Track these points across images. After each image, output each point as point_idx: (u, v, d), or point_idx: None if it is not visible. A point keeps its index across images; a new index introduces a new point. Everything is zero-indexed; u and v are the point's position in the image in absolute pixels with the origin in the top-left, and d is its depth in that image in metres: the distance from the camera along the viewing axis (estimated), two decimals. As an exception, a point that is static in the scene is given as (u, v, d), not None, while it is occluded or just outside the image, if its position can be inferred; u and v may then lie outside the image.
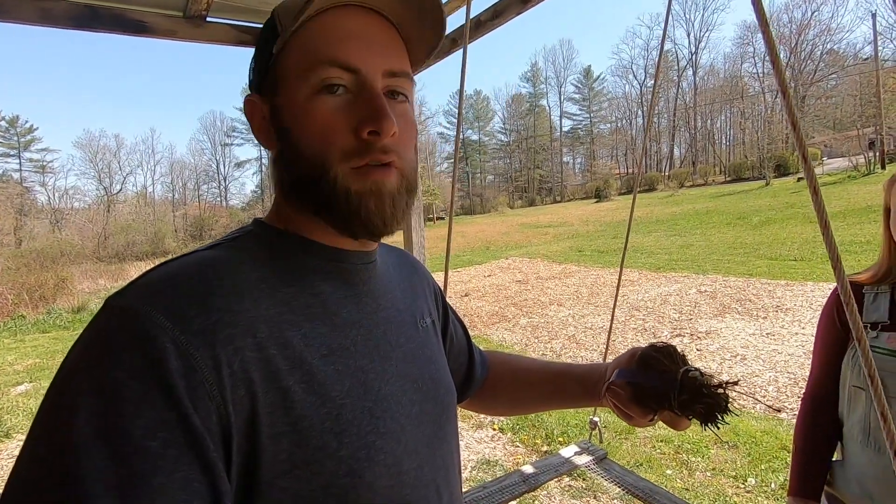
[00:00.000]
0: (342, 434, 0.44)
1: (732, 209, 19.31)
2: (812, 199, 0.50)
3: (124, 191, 51.58)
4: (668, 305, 7.57)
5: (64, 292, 12.56)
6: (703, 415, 0.56)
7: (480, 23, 2.78)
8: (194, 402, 0.37)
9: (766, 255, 11.16)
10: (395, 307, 0.58)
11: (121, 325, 0.38)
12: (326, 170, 0.47)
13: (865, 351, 0.51)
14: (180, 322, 0.39)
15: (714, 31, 54.28)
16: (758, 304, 7.07)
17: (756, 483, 2.99)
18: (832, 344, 1.12)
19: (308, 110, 0.47)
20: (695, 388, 0.56)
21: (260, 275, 0.46)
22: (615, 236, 17.39)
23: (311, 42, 0.47)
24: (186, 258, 0.45)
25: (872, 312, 1.06)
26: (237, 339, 0.41)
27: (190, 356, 0.38)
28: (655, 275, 10.19)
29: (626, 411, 0.61)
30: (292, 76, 0.48)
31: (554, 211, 32.73)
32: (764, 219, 16.31)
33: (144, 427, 0.35)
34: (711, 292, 8.06)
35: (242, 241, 0.50)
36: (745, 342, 5.53)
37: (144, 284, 0.42)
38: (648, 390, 0.58)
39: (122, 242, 32.09)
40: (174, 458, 0.35)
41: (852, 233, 12.18)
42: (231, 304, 0.42)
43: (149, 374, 0.36)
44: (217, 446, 0.38)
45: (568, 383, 0.74)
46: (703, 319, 6.62)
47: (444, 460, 0.56)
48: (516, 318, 8.08)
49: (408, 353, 0.56)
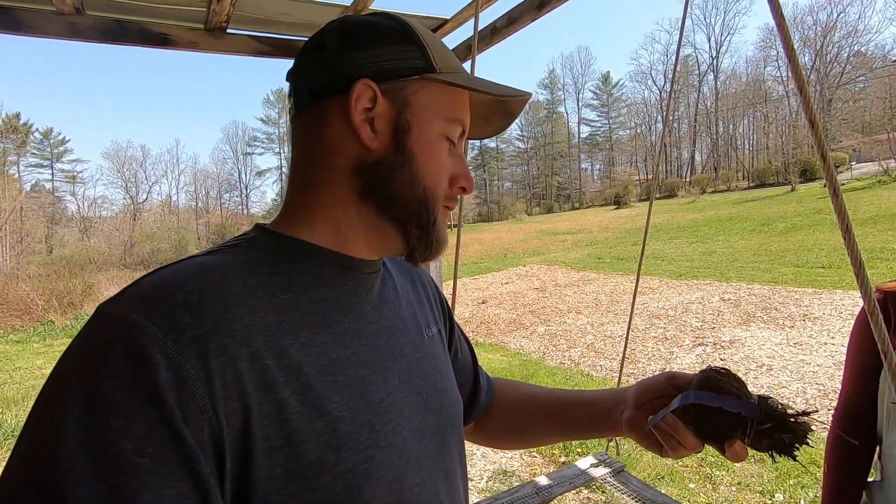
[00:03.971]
0: (340, 448, 0.43)
1: (756, 215, 18.88)
2: (833, 203, 0.47)
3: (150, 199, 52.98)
4: (689, 314, 7.41)
5: (91, 298, 12.89)
6: (784, 445, 0.52)
7: (496, 30, 2.79)
8: (185, 416, 0.36)
9: (792, 263, 10.86)
10: (398, 316, 0.56)
11: (111, 335, 0.37)
12: (435, 201, 0.52)
13: (892, 365, 0.48)
14: (171, 331, 0.38)
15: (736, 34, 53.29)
16: (784, 312, 6.88)
17: (784, 499, 2.88)
18: (866, 357, 1.06)
19: (437, 147, 0.52)
20: (779, 417, 0.52)
21: (258, 281, 0.45)
22: (634, 243, 17.13)
23: (454, 94, 0.53)
24: (180, 264, 0.44)
25: None
26: (231, 349, 0.39)
27: (181, 367, 0.37)
28: (677, 282, 10.00)
29: (680, 440, 0.55)
30: (431, 109, 0.51)
31: (572, 218, 32.47)
32: (790, 225, 15.89)
33: (133, 441, 0.34)
34: (735, 300, 7.87)
35: (242, 246, 0.49)
36: (772, 352, 5.37)
37: (136, 292, 0.41)
38: (722, 417, 0.52)
39: (147, 250, 32.87)
40: (164, 475, 0.34)
41: (884, 239, 11.77)
42: (225, 312, 0.41)
43: (138, 386, 0.35)
44: (209, 461, 0.37)
45: (580, 411, 0.69)
46: (727, 328, 6.46)
47: (448, 474, 0.55)
48: (534, 325, 8.00)
49: (412, 362, 0.54)
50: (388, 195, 0.51)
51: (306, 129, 0.52)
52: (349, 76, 0.49)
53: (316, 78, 0.50)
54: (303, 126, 0.52)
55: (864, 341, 1.08)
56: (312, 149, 0.51)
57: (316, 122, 0.51)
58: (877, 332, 0.48)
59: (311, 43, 0.53)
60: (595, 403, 0.68)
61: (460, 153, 0.55)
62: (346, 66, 0.49)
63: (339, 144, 0.50)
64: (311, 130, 0.51)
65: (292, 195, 0.53)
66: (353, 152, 0.50)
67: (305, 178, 0.52)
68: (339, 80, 0.49)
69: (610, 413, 0.65)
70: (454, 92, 0.52)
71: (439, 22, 2.26)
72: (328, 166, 0.51)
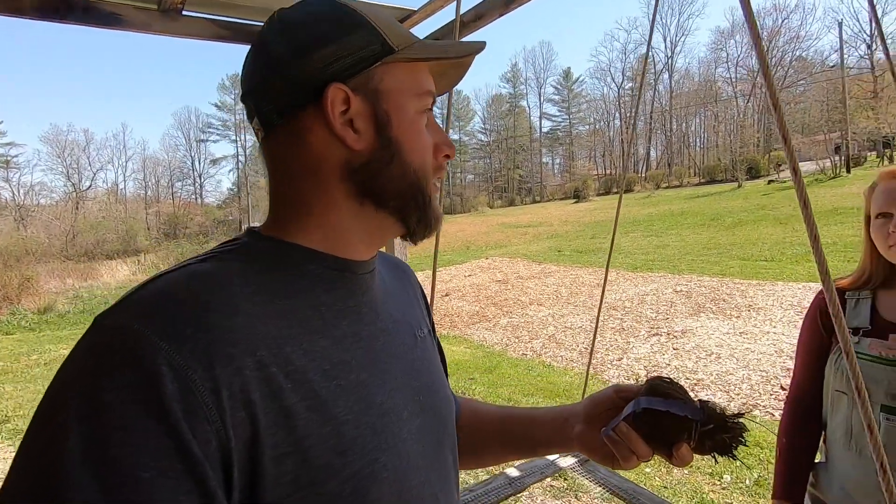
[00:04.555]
0: (346, 452, 0.43)
1: (706, 210, 19.77)
2: (802, 213, 0.50)
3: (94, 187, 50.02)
4: (645, 305, 7.70)
5: (29, 292, 12.10)
6: (725, 445, 0.54)
7: (464, 24, 2.78)
8: (192, 428, 0.35)
9: (738, 256, 11.44)
10: (392, 317, 0.56)
11: (113, 345, 0.37)
12: (427, 181, 0.53)
13: (853, 362, 0.51)
14: (175, 341, 0.37)
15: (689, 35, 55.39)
16: (731, 303, 7.25)
17: (731, 480, 3.06)
18: (816, 349, 1.14)
19: (417, 126, 0.52)
20: (719, 418, 0.54)
21: (255, 288, 0.44)
22: (593, 236, 17.61)
23: (419, 71, 0.52)
24: (177, 273, 0.43)
25: (854, 318, 1.08)
26: (236, 359, 0.39)
27: (187, 378, 0.36)
28: (633, 274, 10.36)
29: (631, 447, 0.56)
30: (402, 91, 0.50)
31: (533, 211, 32.99)
32: (736, 220, 16.74)
33: (138, 456, 0.33)
34: (687, 292, 8.23)
35: (236, 252, 0.48)
36: (720, 341, 5.66)
37: (136, 302, 0.40)
38: (670, 420, 0.55)
39: (92, 240, 31.03)
40: (171, 489, 0.34)
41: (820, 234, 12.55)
42: (227, 321, 0.40)
43: (144, 399, 0.35)
44: (216, 473, 0.36)
45: (531, 430, 0.69)
46: (679, 319, 6.75)
47: (444, 473, 0.56)
48: (497, 317, 8.11)
49: (407, 364, 0.54)
50: (383, 190, 0.50)
51: (284, 147, 0.50)
52: (314, 84, 0.47)
53: (280, 94, 0.48)
54: (278, 144, 0.50)
55: (814, 335, 1.15)
56: (297, 163, 0.50)
57: (293, 138, 0.49)
58: (839, 331, 0.51)
59: (260, 56, 0.49)
60: (546, 421, 0.68)
61: (433, 121, 0.55)
62: (308, 74, 0.47)
63: (324, 153, 0.49)
64: (290, 146, 0.49)
65: (282, 205, 0.51)
66: (339, 158, 0.49)
67: (295, 190, 0.50)
68: (306, 91, 0.47)
69: (562, 429, 0.66)
70: (416, 64, 0.52)
71: (406, 13, 2.22)
72: (317, 178, 0.49)
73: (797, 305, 6.71)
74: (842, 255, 10.10)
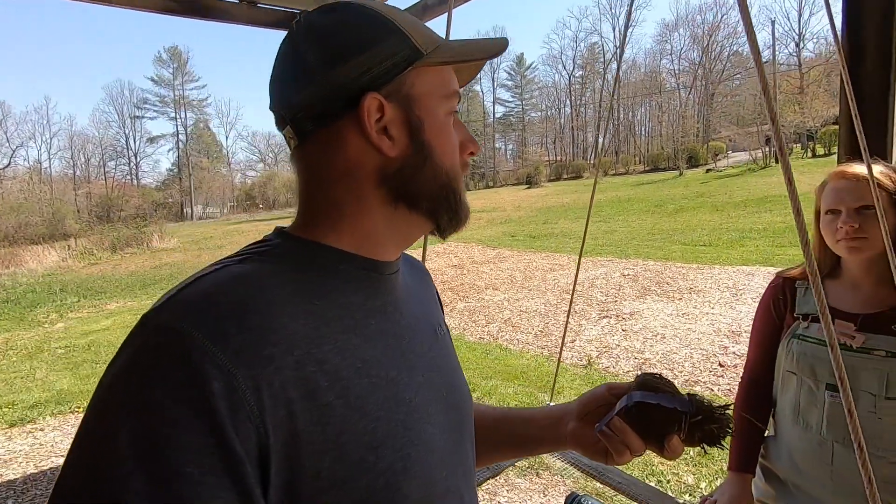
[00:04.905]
0: (379, 447, 0.44)
1: (651, 197, 20.70)
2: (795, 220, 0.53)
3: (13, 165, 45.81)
4: (595, 288, 8.01)
5: (-60, 280, 11.00)
6: (713, 436, 0.57)
7: (427, 6, 2.74)
8: (235, 426, 0.37)
9: (680, 241, 12.10)
10: (415, 315, 0.58)
11: (161, 345, 0.38)
12: (457, 180, 0.55)
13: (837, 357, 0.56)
14: (220, 342, 0.38)
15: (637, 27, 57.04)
16: (674, 286, 7.67)
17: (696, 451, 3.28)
18: (769, 334, 1.24)
19: (447, 128, 0.53)
20: (706, 409, 0.57)
21: (293, 288, 0.46)
22: (545, 221, 18.06)
23: (446, 72, 0.54)
24: (218, 274, 0.44)
25: (804, 305, 1.18)
26: (277, 358, 0.40)
27: (231, 377, 0.37)
28: (583, 259, 10.71)
29: (625, 441, 0.58)
30: (431, 94, 0.52)
31: (487, 196, 33.30)
32: (678, 207, 17.65)
33: (183, 452, 0.35)
34: (633, 275, 8.63)
35: (269, 254, 0.49)
36: (664, 322, 5.99)
37: (181, 302, 0.41)
38: (661, 413, 0.57)
39: (13, 224, 28.46)
40: (212, 485, 0.35)
41: (752, 221, 13.50)
42: (268, 322, 0.41)
43: (190, 397, 0.36)
44: (254, 470, 0.38)
45: (525, 429, 0.71)
46: (627, 301, 7.08)
47: (465, 466, 0.58)
48: (454, 302, 8.19)
49: (430, 361, 0.56)
50: (417, 193, 0.52)
51: (318, 154, 0.51)
52: (349, 93, 0.48)
53: (315, 103, 0.49)
54: (312, 152, 0.51)
55: (767, 320, 1.25)
56: (331, 169, 0.51)
57: (328, 146, 0.50)
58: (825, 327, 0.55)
59: (292, 64, 0.50)
60: (539, 419, 0.70)
61: (458, 119, 0.56)
62: (343, 84, 0.48)
63: (359, 160, 0.50)
64: (325, 154, 0.51)
65: (313, 208, 0.52)
66: (374, 164, 0.50)
67: (328, 194, 0.51)
68: (341, 100, 0.48)
69: (555, 427, 0.68)
70: (443, 67, 0.53)
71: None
72: (351, 183, 0.51)
73: (732, 287, 7.20)
74: (771, 241, 10.90)
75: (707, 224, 13.74)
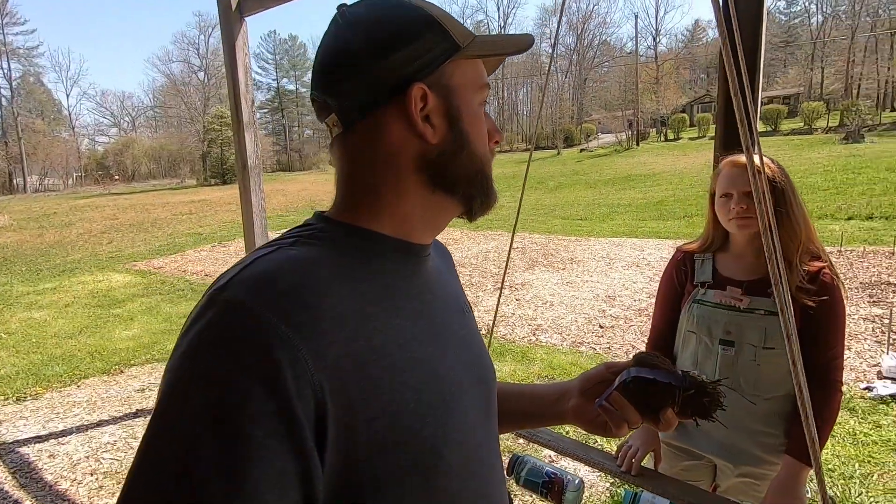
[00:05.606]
0: (424, 416, 0.48)
1: (533, 174, 22.07)
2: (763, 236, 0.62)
3: None
4: (488, 261, 8.41)
5: None
6: (705, 409, 0.61)
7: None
8: (299, 392, 0.40)
9: (560, 216, 13.15)
10: (445, 296, 0.61)
11: (229, 319, 0.41)
12: (489, 166, 0.59)
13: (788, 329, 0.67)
14: (283, 317, 0.41)
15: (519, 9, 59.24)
16: (557, 257, 8.35)
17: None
18: (672, 300, 1.42)
19: (480, 117, 0.57)
20: (699, 385, 0.61)
21: (339, 270, 0.48)
22: (437, 197, 18.36)
23: (479, 64, 0.58)
24: (275, 254, 0.47)
25: (701, 274, 1.37)
26: (329, 333, 0.43)
27: (295, 348, 0.40)
28: (475, 233, 11.16)
29: (623, 414, 0.63)
30: (467, 86, 0.55)
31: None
32: (557, 184, 19.11)
33: (251, 417, 0.38)
34: (522, 248, 9.21)
35: (315, 237, 0.52)
36: (552, 291, 6.52)
37: (246, 280, 0.44)
38: (657, 388, 0.61)
39: None
40: (274, 448, 0.38)
41: (618, 197, 15.11)
42: (322, 301, 0.45)
43: (258, 365, 0.39)
44: (312, 434, 0.41)
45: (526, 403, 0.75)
46: (518, 272, 7.56)
47: (493, 438, 0.62)
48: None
49: (460, 339, 0.59)
50: (454, 179, 0.55)
51: (362, 141, 0.53)
52: (395, 82, 0.51)
53: (362, 93, 0.52)
54: (356, 140, 0.54)
55: (670, 288, 1.43)
56: (373, 155, 0.53)
57: (372, 133, 0.53)
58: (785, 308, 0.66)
59: (337, 55, 0.52)
60: (541, 395, 0.75)
61: (484, 109, 0.60)
62: (389, 74, 0.51)
63: (401, 147, 0.53)
64: (369, 141, 0.53)
65: (354, 193, 0.55)
66: (415, 151, 0.53)
67: (369, 180, 0.54)
68: (387, 89, 0.51)
69: (556, 403, 0.72)
70: (476, 60, 0.57)
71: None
72: (393, 169, 0.53)
73: (606, 258, 8.05)
74: (635, 215, 12.33)
75: (582, 200, 15.09)
